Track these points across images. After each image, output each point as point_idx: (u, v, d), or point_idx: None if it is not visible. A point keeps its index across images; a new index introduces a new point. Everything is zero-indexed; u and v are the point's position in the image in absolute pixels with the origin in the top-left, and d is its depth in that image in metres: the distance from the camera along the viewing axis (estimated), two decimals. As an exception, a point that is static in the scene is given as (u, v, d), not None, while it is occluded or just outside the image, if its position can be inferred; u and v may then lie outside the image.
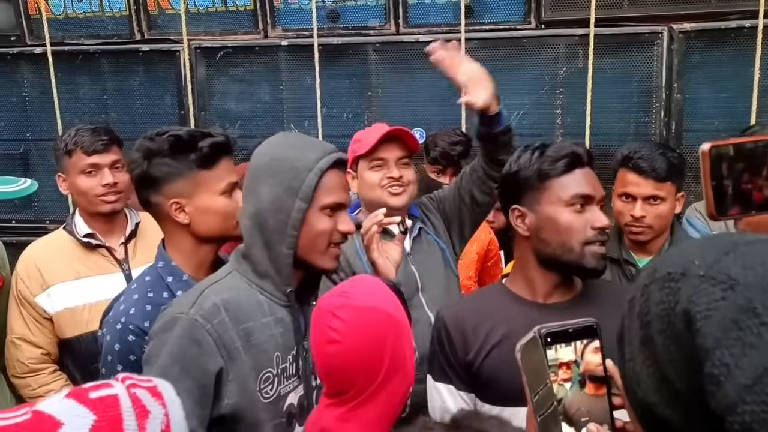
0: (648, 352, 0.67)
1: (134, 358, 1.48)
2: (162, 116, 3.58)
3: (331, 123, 3.39)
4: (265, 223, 1.36)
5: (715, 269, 0.63)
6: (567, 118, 3.20)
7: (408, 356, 1.20)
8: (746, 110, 2.97)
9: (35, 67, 3.67)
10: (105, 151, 2.12)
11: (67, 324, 2.12)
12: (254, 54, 3.47)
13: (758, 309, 0.58)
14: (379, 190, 1.93)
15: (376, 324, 1.17)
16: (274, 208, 1.35)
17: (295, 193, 1.34)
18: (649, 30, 3.07)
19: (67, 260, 2.14)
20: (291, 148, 1.40)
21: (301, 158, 1.36)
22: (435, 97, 3.31)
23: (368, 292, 1.22)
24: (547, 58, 3.19)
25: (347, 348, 1.16)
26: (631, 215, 2.04)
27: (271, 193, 1.36)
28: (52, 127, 3.61)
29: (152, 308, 1.52)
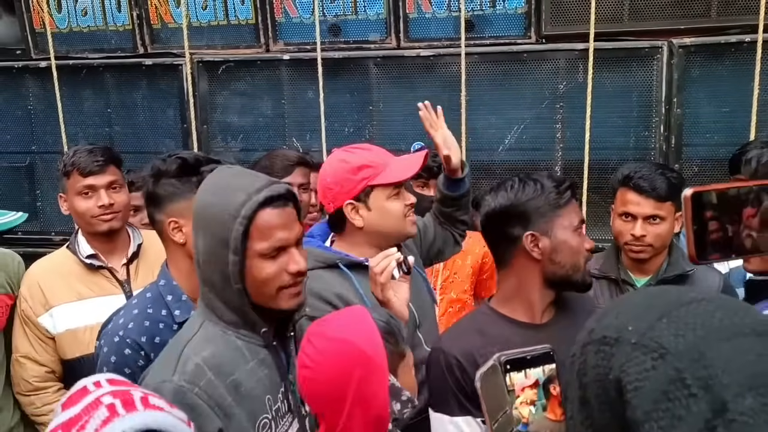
0: (586, 413, 0.68)
1: (129, 371, 1.52)
2: (165, 130, 3.61)
3: (333, 137, 3.41)
4: (208, 274, 1.31)
5: (648, 337, 0.63)
6: (567, 132, 3.21)
7: (378, 392, 1.19)
8: (746, 125, 2.98)
9: (40, 81, 3.70)
10: (101, 172, 2.14)
11: (69, 345, 2.14)
12: (256, 68, 3.49)
13: (688, 380, 0.58)
14: (403, 220, 1.81)
15: (343, 355, 1.19)
16: (212, 261, 1.29)
17: (226, 245, 1.27)
18: (648, 44, 3.07)
19: (70, 281, 2.16)
20: (217, 192, 1.31)
21: (227, 205, 1.27)
22: (435, 110, 3.32)
23: (345, 323, 1.25)
24: (547, 73, 3.20)
25: (314, 374, 1.21)
26: (631, 234, 2.05)
27: (205, 245, 1.30)
28: (56, 140, 3.65)
29: (150, 324, 1.58)
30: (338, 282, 1.74)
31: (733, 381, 0.56)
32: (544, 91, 3.22)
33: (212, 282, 1.31)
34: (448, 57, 3.28)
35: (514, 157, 3.27)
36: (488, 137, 3.29)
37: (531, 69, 3.21)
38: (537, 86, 3.22)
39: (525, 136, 3.25)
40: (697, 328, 0.61)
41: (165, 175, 1.64)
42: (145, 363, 1.52)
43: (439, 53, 3.29)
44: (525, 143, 3.25)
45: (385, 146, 3.33)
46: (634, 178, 2.05)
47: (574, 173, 3.19)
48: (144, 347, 1.54)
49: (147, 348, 1.54)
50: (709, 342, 0.60)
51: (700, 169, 3.08)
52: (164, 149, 3.57)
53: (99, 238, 2.18)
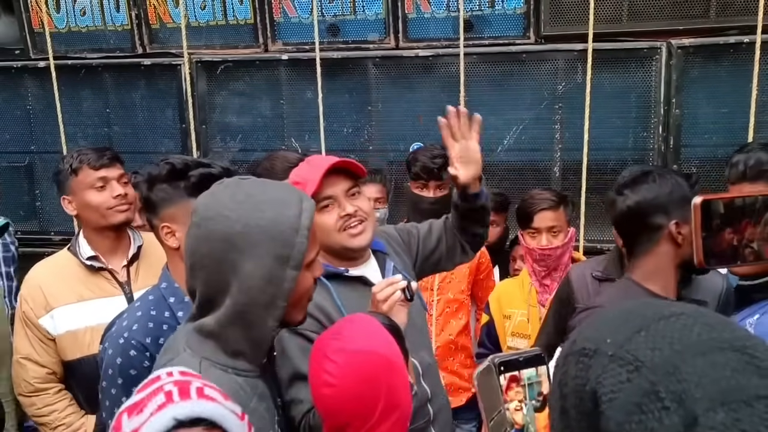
0: (565, 423, 0.69)
1: (134, 372, 1.54)
2: (163, 130, 3.62)
3: (332, 137, 3.41)
4: (253, 301, 1.19)
5: (624, 349, 0.64)
6: (565, 133, 3.21)
7: (403, 393, 1.22)
8: (744, 126, 2.98)
9: (39, 81, 3.71)
10: (111, 165, 2.19)
11: (69, 346, 2.15)
12: (255, 68, 3.49)
13: (661, 393, 0.59)
14: (337, 234, 1.67)
15: (370, 366, 1.19)
16: (264, 284, 1.18)
17: (286, 262, 1.18)
18: (647, 45, 3.08)
19: (70, 283, 2.17)
20: (264, 205, 1.20)
21: (283, 219, 1.19)
22: (434, 110, 3.30)
23: (362, 334, 1.25)
24: (546, 73, 3.21)
25: (341, 391, 1.19)
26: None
27: (259, 269, 1.17)
28: (55, 140, 3.66)
29: (154, 326, 1.59)
30: (320, 294, 1.64)
31: (705, 395, 0.57)
32: (542, 92, 3.22)
33: (252, 307, 1.19)
34: (447, 57, 3.28)
35: (513, 157, 3.28)
36: (487, 138, 3.25)
37: (530, 69, 3.22)
38: (536, 87, 3.22)
39: (524, 136, 3.25)
40: (674, 342, 0.62)
41: (157, 180, 1.65)
42: (150, 364, 1.53)
43: (437, 53, 3.29)
44: (524, 144, 3.26)
45: (384, 147, 3.36)
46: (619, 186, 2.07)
47: (572, 174, 3.20)
48: (149, 348, 1.55)
49: (152, 349, 1.54)
50: (685, 356, 0.60)
51: (698, 169, 3.09)
52: (163, 149, 3.58)
53: (105, 236, 2.19)
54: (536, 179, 3.22)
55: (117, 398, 1.54)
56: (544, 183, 3.17)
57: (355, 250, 1.71)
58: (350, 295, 1.70)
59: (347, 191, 1.69)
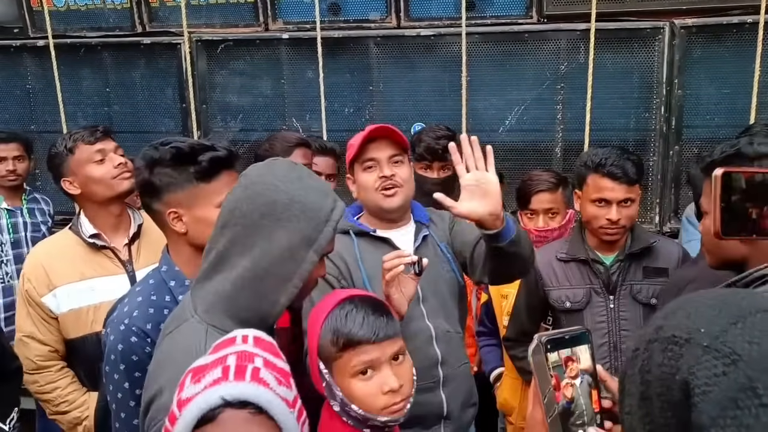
0: (646, 410, 0.67)
1: (136, 358, 1.53)
2: (163, 109, 3.60)
3: (333, 117, 3.40)
4: (272, 269, 1.24)
5: (720, 341, 0.61)
6: (567, 113, 3.20)
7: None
8: (746, 107, 2.97)
9: (38, 60, 3.68)
10: (105, 138, 2.22)
11: (72, 325, 2.16)
12: (255, 47, 3.47)
13: (759, 389, 0.57)
14: (374, 192, 1.86)
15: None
16: (287, 255, 1.25)
17: (311, 244, 1.26)
18: (650, 25, 3.06)
19: (73, 261, 2.17)
20: (310, 189, 1.29)
21: (321, 206, 1.28)
22: (436, 91, 3.32)
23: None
24: (548, 53, 3.19)
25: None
26: (607, 219, 2.11)
27: (287, 241, 1.24)
28: (55, 120, 3.65)
29: (155, 311, 1.57)
30: (345, 246, 1.84)
31: None
32: (545, 72, 3.20)
33: (268, 276, 1.24)
34: (449, 37, 3.26)
35: (515, 138, 3.27)
36: (489, 118, 3.28)
37: (532, 49, 3.20)
38: (538, 67, 3.20)
39: (526, 117, 3.24)
40: None
41: (159, 163, 1.60)
42: (152, 349, 1.52)
43: (439, 33, 3.27)
44: (526, 124, 3.25)
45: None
46: (607, 165, 2.10)
47: (574, 154, 3.19)
48: (150, 334, 1.54)
49: (153, 335, 1.53)
50: None
51: (700, 150, 3.08)
52: (163, 129, 3.56)
53: (109, 212, 2.20)
54: (538, 160, 3.21)
55: (120, 383, 1.55)
56: (545, 163, 3.16)
57: (386, 210, 1.87)
58: (372, 252, 1.84)
59: (390, 157, 1.85)
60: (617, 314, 2.15)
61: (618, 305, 2.15)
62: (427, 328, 1.85)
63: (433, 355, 1.85)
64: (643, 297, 2.14)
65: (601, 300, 2.17)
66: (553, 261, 2.25)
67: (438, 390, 1.86)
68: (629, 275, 2.17)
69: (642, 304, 2.14)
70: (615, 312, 2.15)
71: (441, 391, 1.86)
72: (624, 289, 2.16)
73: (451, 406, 1.88)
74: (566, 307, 2.19)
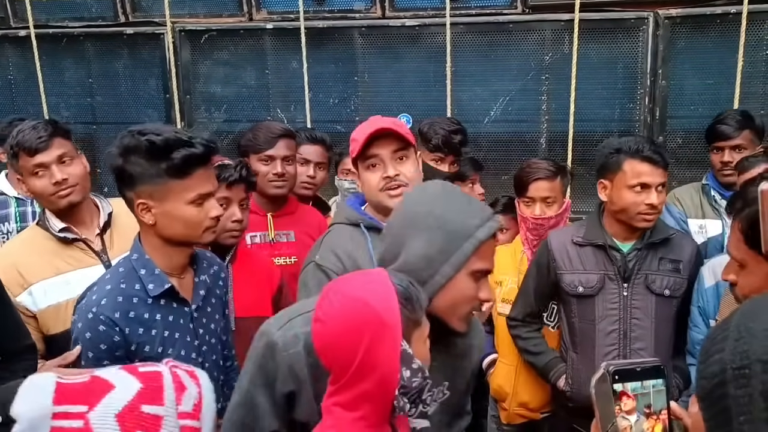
0: None
1: (104, 347, 1.52)
2: (147, 100, 3.58)
3: (318, 108, 3.39)
4: (412, 276, 1.30)
5: None
6: (552, 104, 3.20)
7: (385, 357, 1.18)
8: (730, 97, 2.99)
9: (20, 50, 3.65)
10: (47, 147, 2.02)
11: (52, 320, 2.08)
12: (239, 37, 3.45)
13: None
14: (378, 192, 1.79)
15: (355, 314, 1.18)
16: (422, 265, 1.32)
17: (447, 258, 1.31)
18: (634, 15, 3.06)
19: (46, 257, 2.08)
20: (452, 207, 1.35)
21: (462, 223, 1.33)
22: (421, 82, 3.31)
23: (363, 283, 1.24)
24: (532, 44, 3.19)
25: (326, 330, 1.19)
26: (647, 204, 2.08)
27: (422, 249, 1.32)
28: (38, 111, 3.61)
29: (124, 299, 1.56)
30: (355, 240, 1.78)
31: None
32: (529, 62, 3.20)
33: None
34: (433, 27, 3.25)
35: (500, 129, 3.27)
36: (474, 109, 3.28)
37: (517, 40, 3.19)
38: (523, 57, 3.20)
39: (510, 107, 3.24)
40: None
41: (134, 152, 1.55)
42: (120, 338, 1.52)
43: (424, 23, 3.26)
44: (510, 115, 3.25)
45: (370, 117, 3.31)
46: (645, 150, 2.09)
47: (559, 145, 3.20)
48: (118, 323, 1.53)
49: (121, 324, 1.53)
50: None
51: (684, 141, 3.10)
52: (146, 120, 3.53)
53: (64, 214, 2.10)
54: (523, 150, 3.21)
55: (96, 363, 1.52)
56: (530, 154, 3.16)
57: (391, 210, 1.77)
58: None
59: (394, 152, 1.78)
60: (629, 302, 2.13)
61: (631, 293, 2.14)
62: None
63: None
64: (657, 287, 2.13)
65: (615, 287, 2.15)
66: (568, 244, 2.23)
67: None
68: (645, 264, 2.15)
69: (655, 294, 2.13)
70: (627, 300, 2.14)
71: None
72: (639, 277, 2.14)
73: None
74: (578, 292, 2.18)
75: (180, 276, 1.64)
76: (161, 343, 1.57)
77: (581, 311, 2.18)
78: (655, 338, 2.12)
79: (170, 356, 1.54)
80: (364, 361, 1.17)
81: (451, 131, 2.56)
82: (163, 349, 1.58)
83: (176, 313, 1.61)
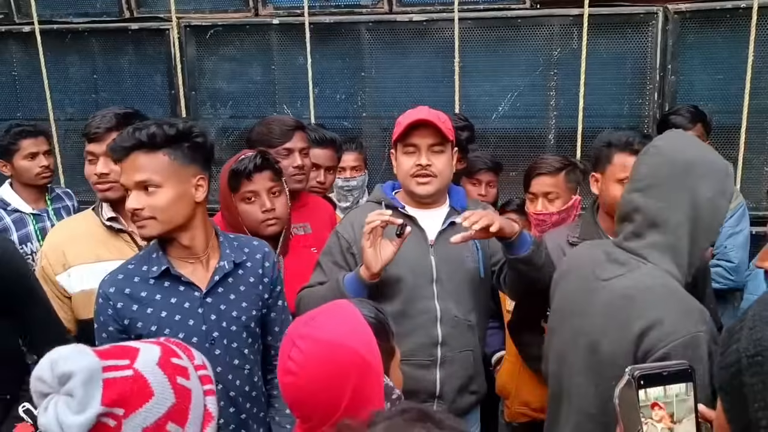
0: None
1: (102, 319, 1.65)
2: (152, 96, 3.56)
3: (324, 104, 3.37)
4: (701, 218, 1.44)
5: None
6: (560, 99, 3.18)
7: (373, 396, 1.10)
8: (740, 92, 2.97)
9: (24, 46, 3.62)
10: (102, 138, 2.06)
11: (83, 306, 2.11)
12: (245, 33, 3.42)
13: None
14: (408, 177, 1.90)
15: (337, 361, 1.08)
16: (709, 206, 1.44)
17: (725, 195, 1.46)
18: (644, 10, 3.04)
19: (90, 242, 2.13)
20: (707, 151, 1.52)
21: (719, 162, 1.48)
22: (429, 78, 3.29)
23: (336, 324, 1.13)
24: (541, 39, 3.17)
25: (302, 383, 1.09)
26: None
27: (710, 192, 1.44)
28: (42, 107, 3.59)
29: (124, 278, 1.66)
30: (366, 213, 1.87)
31: None
32: (538, 58, 3.18)
33: (698, 224, 1.45)
34: (441, 22, 3.23)
35: (508, 124, 3.25)
36: (482, 104, 3.26)
37: (525, 35, 3.17)
38: (531, 53, 3.18)
39: (518, 103, 3.22)
40: None
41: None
42: (113, 312, 1.61)
43: (432, 18, 3.24)
44: (518, 111, 3.23)
45: (377, 113, 3.32)
46: (635, 143, 2.06)
47: (567, 141, 3.18)
48: (111, 298, 1.62)
49: (114, 298, 1.62)
50: None
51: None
52: (152, 116, 3.50)
53: (117, 203, 2.13)
54: (531, 146, 3.20)
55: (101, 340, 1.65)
56: (538, 150, 3.14)
57: (417, 195, 1.91)
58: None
59: (430, 146, 1.87)
60: None
61: None
62: (434, 308, 1.87)
63: (434, 336, 1.87)
64: None
65: None
66: (563, 245, 2.19)
67: (434, 369, 1.87)
68: None
69: None
70: None
71: (437, 370, 1.87)
72: None
73: (446, 387, 1.88)
74: None
75: (197, 260, 1.67)
76: (156, 323, 1.62)
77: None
78: None
79: (167, 335, 1.59)
80: (350, 405, 1.08)
81: (458, 127, 2.54)
82: (158, 328, 1.61)
83: (181, 296, 1.64)
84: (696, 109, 2.73)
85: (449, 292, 1.89)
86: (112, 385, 0.92)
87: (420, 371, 1.85)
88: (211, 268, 1.68)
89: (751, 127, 3.01)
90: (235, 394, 1.69)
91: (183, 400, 0.97)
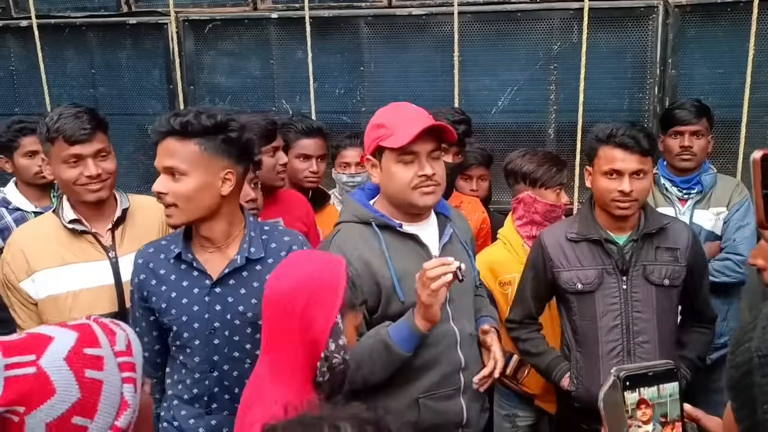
0: None
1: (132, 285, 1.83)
2: (150, 91, 3.54)
3: (324, 98, 3.35)
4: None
5: None
6: (560, 94, 3.17)
7: (321, 322, 1.32)
8: (740, 86, 2.96)
9: (22, 41, 3.61)
10: (88, 140, 1.97)
11: (50, 311, 2.01)
12: (243, 27, 3.41)
13: None
14: (409, 190, 1.72)
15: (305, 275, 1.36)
16: None
17: None
18: (644, 4, 3.03)
19: (53, 246, 2.04)
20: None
21: None
22: (428, 72, 3.28)
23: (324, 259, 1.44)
24: (541, 33, 3.15)
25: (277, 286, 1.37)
26: (619, 191, 2.06)
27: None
28: (40, 102, 3.57)
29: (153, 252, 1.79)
30: (367, 240, 1.74)
31: None
32: (538, 52, 3.17)
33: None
34: (440, 16, 3.21)
35: (508, 119, 3.24)
36: (481, 99, 3.25)
37: (525, 29, 3.16)
38: (531, 47, 3.17)
39: (518, 98, 3.21)
40: None
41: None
42: (138, 282, 1.77)
43: (431, 12, 3.22)
44: (518, 105, 3.22)
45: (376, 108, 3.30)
46: (618, 135, 2.06)
47: (567, 136, 3.17)
48: (138, 269, 1.77)
49: (139, 269, 1.76)
50: None
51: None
52: (150, 111, 3.50)
53: (85, 205, 2.09)
54: (531, 141, 3.18)
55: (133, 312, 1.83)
56: (538, 145, 3.13)
57: (420, 208, 1.76)
58: (400, 248, 1.75)
59: (430, 152, 1.72)
60: (630, 295, 2.09)
61: (630, 286, 2.09)
62: (453, 331, 1.78)
63: (457, 361, 1.78)
64: (656, 278, 2.10)
65: (614, 281, 2.11)
66: (562, 241, 2.18)
67: (458, 398, 1.80)
68: (642, 255, 2.11)
69: (655, 285, 2.09)
70: (627, 293, 2.09)
71: (461, 398, 1.80)
72: (637, 269, 2.10)
73: (471, 413, 1.82)
74: (577, 289, 2.13)
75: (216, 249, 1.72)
76: (166, 301, 1.70)
77: (581, 308, 2.14)
78: (658, 330, 2.09)
79: (173, 315, 1.71)
80: (301, 315, 1.31)
81: (455, 121, 2.53)
82: (167, 306, 1.70)
83: (192, 281, 1.70)
84: (700, 103, 2.72)
85: (461, 310, 1.82)
86: (13, 384, 0.93)
87: (445, 403, 1.77)
88: (227, 260, 1.70)
89: (751, 121, 2.99)
90: (230, 383, 1.69)
91: (90, 394, 0.98)
